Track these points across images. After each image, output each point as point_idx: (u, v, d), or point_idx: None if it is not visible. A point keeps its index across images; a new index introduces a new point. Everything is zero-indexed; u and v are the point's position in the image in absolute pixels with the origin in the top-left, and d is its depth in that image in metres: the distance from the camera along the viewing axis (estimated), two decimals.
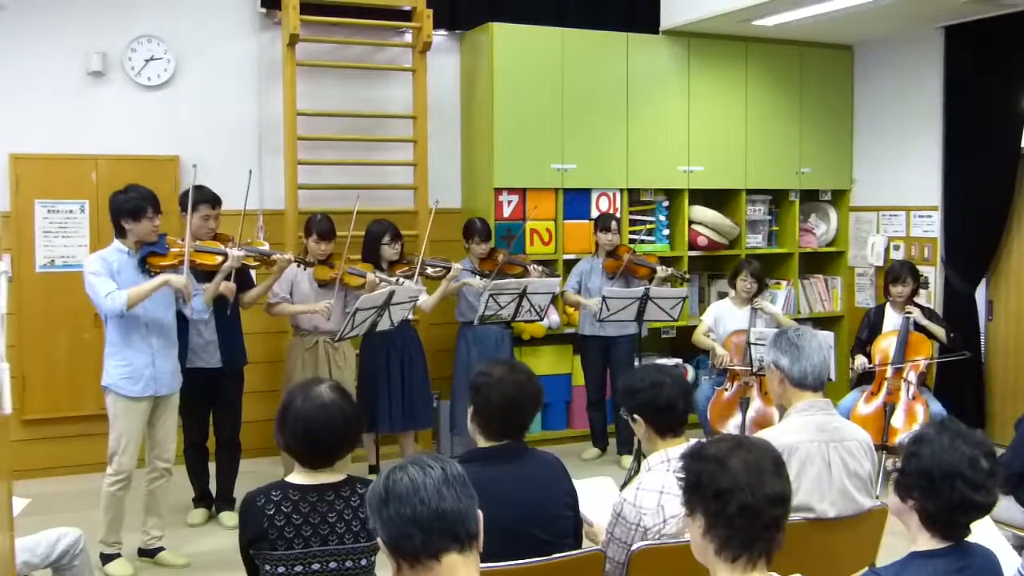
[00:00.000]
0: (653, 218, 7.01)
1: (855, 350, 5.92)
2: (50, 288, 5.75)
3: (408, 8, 6.32)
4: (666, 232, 7.06)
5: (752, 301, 5.96)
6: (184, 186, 5.08)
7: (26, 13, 5.74)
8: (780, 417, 3.25)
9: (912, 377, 5.58)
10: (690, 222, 6.97)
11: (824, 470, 2.89)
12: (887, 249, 7.21)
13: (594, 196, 6.71)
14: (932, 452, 2.08)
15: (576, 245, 6.65)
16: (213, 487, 5.19)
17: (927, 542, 2.10)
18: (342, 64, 6.35)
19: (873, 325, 5.92)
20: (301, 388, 2.62)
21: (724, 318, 6.01)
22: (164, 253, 4.42)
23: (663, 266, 6.04)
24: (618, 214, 6.65)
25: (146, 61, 5.98)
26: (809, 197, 7.54)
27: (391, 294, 4.95)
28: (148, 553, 4.54)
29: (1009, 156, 6.37)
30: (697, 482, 1.91)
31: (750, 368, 5.62)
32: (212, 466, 5.17)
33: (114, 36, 5.91)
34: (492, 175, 6.38)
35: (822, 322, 7.36)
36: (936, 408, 5.55)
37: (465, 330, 5.92)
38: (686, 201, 6.94)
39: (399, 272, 5.49)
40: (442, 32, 6.58)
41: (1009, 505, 3.79)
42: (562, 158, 6.55)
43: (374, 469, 5.56)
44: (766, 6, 6.10)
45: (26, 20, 5.74)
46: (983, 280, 6.67)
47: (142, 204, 4.29)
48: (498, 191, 6.43)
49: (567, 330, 6.59)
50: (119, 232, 4.34)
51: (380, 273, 5.34)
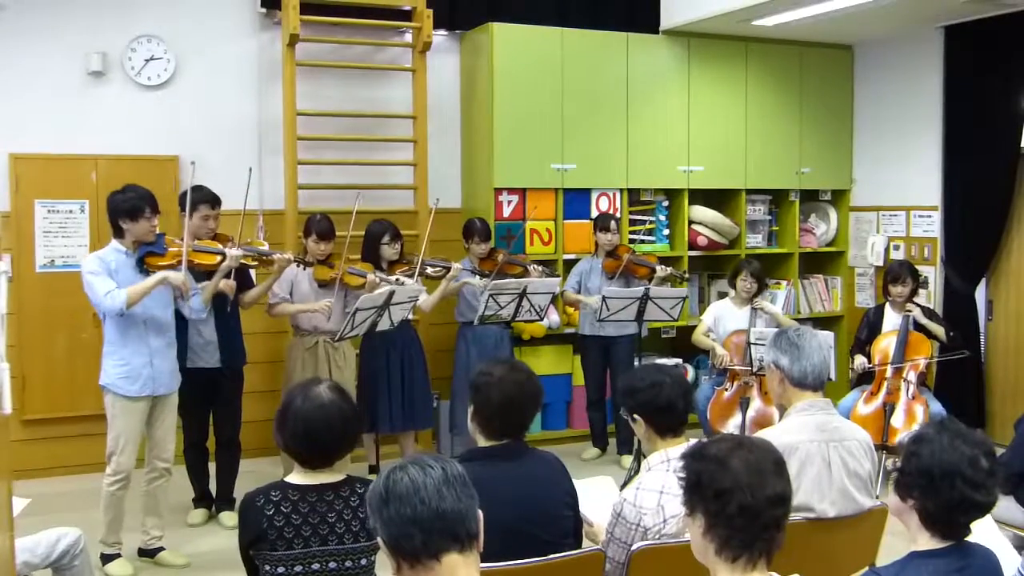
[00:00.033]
0: (653, 218, 7.01)
1: (855, 350, 5.91)
2: (50, 288, 5.74)
3: (408, 8, 6.31)
4: (666, 232, 7.06)
5: (752, 301, 5.95)
6: (184, 186, 5.08)
7: (26, 13, 5.74)
8: (780, 417, 3.25)
9: (912, 377, 5.58)
10: (690, 222, 6.97)
11: (824, 470, 2.89)
12: (887, 249, 7.21)
13: (594, 196, 6.71)
14: (932, 452, 2.07)
15: (576, 245, 6.65)
16: (213, 487, 5.19)
17: (927, 542, 2.10)
18: (342, 64, 6.35)
19: (872, 325, 5.92)
20: (301, 388, 2.62)
21: (724, 318, 6.01)
22: (162, 253, 4.43)
23: (663, 266, 6.04)
24: (618, 214, 6.65)
25: (146, 61, 5.98)
26: (809, 197, 7.54)
27: (391, 294, 4.94)
28: (148, 553, 4.55)
29: (1009, 156, 6.37)
30: (697, 482, 1.91)
31: (750, 368, 5.61)
32: (212, 466, 5.17)
33: (114, 36, 5.91)
34: (492, 175, 6.38)
35: (822, 322, 7.36)
36: (936, 408, 5.55)
37: (465, 330, 5.92)
38: (686, 201, 6.94)
39: (399, 272, 5.49)
40: (442, 32, 6.58)
41: (1009, 505, 3.79)
42: (562, 158, 6.55)
43: (374, 469, 5.56)
44: (766, 6, 6.10)
45: (26, 20, 5.74)
46: (983, 280, 6.67)
47: (140, 204, 4.30)
48: (498, 191, 6.43)
49: (567, 330, 6.59)
50: (117, 232, 4.34)
51: (380, 273, 5.33)
